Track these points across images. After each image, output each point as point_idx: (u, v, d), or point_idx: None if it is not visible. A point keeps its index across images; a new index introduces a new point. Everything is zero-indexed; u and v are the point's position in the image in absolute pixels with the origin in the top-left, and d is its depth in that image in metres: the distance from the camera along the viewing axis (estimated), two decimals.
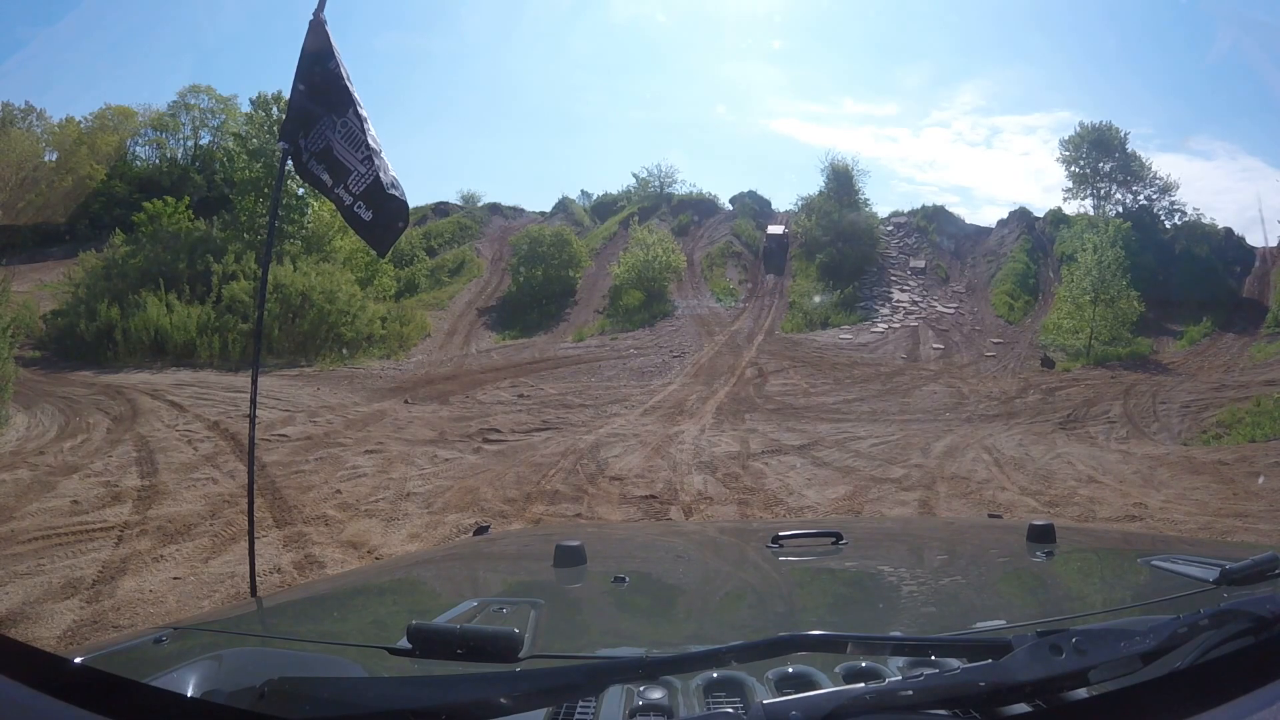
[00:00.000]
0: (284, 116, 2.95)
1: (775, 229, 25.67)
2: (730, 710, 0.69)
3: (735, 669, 0.78)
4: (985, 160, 48.88)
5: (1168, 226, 25.00)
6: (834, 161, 26.04)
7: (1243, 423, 10.63)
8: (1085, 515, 6.01)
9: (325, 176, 2.79)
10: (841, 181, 25.54)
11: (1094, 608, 1.18)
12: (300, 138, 2.79)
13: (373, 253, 19.94)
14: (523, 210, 30.13)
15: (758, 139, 56.26)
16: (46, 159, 23.93)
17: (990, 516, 5.07)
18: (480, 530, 2.39)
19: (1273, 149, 41.70)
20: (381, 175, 2.79)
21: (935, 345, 18.51)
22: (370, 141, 2.79)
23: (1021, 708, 0.68)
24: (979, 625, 1.03)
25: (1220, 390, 13.25)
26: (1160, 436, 10.54)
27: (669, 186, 30.34)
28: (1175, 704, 0.64)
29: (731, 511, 6.10)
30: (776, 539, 1.46)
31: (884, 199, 57.81)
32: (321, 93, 2.78)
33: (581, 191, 32.31)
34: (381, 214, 2.81)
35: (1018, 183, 57.19)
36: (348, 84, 2.78)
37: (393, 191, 2.82)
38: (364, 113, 2.80)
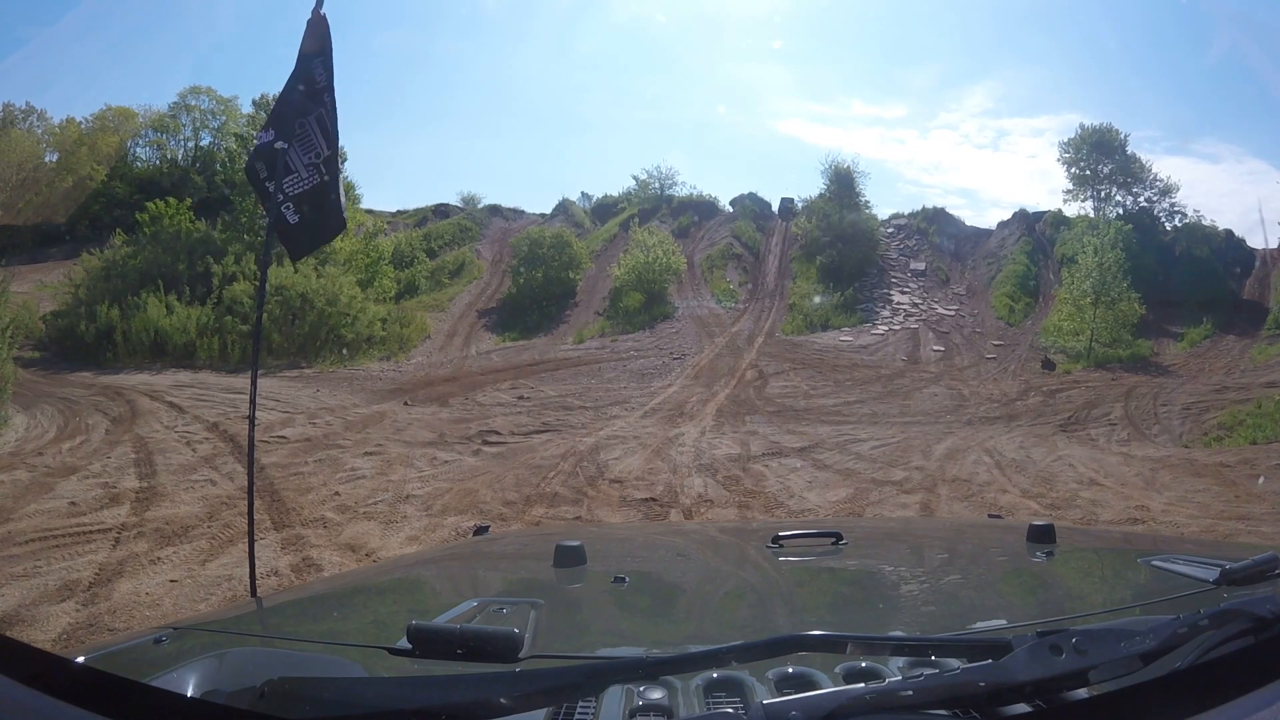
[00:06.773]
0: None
1: (788, 196, 28.66)
2: (730, 710, 0.69)
3: (735, 669, 0.78)
4: (992, 163, 48.84)
5: (1168, 228, 25.00)
6: (835, 163, 26.15)
7: (1244, 425, 10.63)
8: (1087, 518, 6.00)
9: (262, 171, 2.79)
10: (842, 183, 25.58)
11: (1094, 608, 1.18)
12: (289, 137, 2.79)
13: (373, 254, 20.08)
14: (523, 212, 30.17)
15: (763, 140, 56.19)
16: (47, 159, 23.85)
17: (991, 518, 5.06)
18: (480, 531, 2.38)
19: (1278, 152, 41.70)
20: (330, 193, 2.80)
21: (936, 347, 18.50)
22: (329, 157, 2.79)
23: (1021, 708, 0.68)
24: (979, 625, 1.03)
25: (1221, 392, 13.25)
26: (1161, 439, 10.53)
27: (669, 188, 30.39)
28: (1175, 704, 0.64)
29: (732, 514, 6.10)
30: (777, 539, 1.46)
31: (890, 201, 57.56)
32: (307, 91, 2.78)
33: (582, 193, 32.31)
34: (310, 222, 2.82)
35: (1024, 185, 57.19)
36: (323, 91, 2.77)
37: (337, 209, 2.85)
38: (329, 125, 2.79)
